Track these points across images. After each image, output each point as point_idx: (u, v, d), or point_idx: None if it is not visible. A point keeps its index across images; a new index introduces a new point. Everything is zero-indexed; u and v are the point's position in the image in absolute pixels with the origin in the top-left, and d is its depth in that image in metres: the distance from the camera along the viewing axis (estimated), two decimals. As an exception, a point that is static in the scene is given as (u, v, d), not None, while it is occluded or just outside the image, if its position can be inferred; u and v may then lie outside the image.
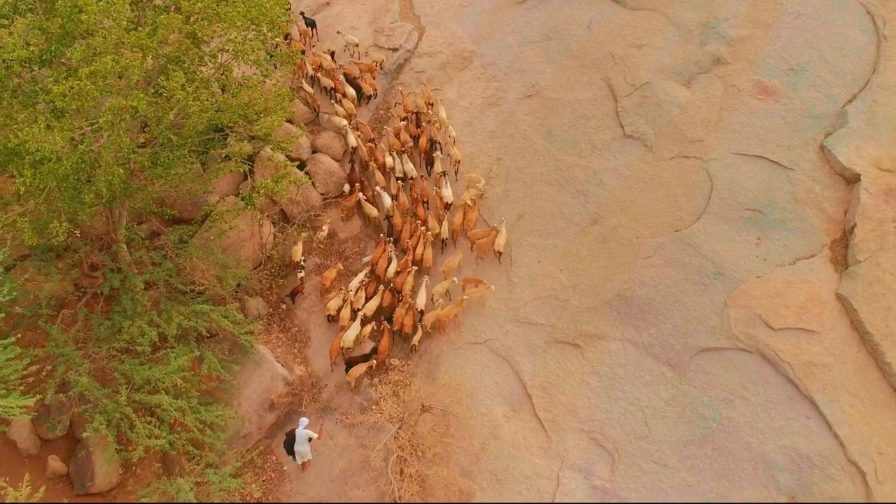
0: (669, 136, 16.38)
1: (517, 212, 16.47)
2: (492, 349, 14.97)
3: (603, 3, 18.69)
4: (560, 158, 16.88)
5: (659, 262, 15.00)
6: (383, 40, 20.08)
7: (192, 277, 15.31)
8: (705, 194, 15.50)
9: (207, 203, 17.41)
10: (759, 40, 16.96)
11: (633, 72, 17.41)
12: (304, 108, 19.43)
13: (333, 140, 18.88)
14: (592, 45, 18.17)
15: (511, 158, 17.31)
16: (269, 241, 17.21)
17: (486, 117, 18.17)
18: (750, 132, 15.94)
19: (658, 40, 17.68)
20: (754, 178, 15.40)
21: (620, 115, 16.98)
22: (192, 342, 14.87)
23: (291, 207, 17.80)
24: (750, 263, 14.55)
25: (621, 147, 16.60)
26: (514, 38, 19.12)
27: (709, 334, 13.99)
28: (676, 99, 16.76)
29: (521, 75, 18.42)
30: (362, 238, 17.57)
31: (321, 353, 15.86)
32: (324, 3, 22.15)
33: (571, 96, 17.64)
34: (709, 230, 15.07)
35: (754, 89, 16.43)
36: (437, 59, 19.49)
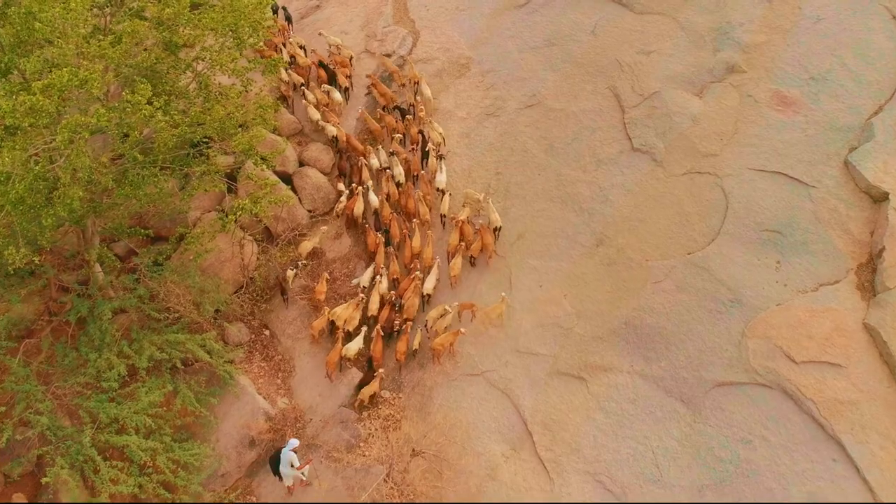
0: (681, 149, 15.44)
1: (517, 231, 15.54)
2: (490, 381, 14.03)
3: (608, 7, 17.75)
4: (563, 173, 15.94)
5: (670, 287, 14.06)
6: (376, 45, 19.18)
7: (166, 303, 14.34)
8: (720, 213, 14.57)
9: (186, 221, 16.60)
10: (776, 47, 16.02)
11: (642, 80, 16.48)
12: (291, 119, 18.54)
13: (322, 153, 17.97)
14: (597, 51, 17.23)
15: (511, 173, 16.37)
16: (251, 261, 16.25)
17: (485, 128, 17.24)
18: (768, 146, 15.00)
19: (668, 46, 16.75)
20: (773, 196, 14.48)
21: (628, 126, 16.05)
22: (166, 374, 13.92)
23: (276, 225, 16.85)
24: (769, 289, 13.62)
25: (629, 161, 15.66)
26: (514, 43, 18.19)
27: (725, 367, 13.06)
28: (688, 110, 15.82)
29: (522, 83, 17.49)
30: (351, 258, 16.63)
31: (306, 384, 14.94)
32: (314, 5, 21.23)
33: (575, 106, 16.71)
34: (724, 252, 14.14)
35: (772, 99, 15.50)
36: (432, 65, 18.56)
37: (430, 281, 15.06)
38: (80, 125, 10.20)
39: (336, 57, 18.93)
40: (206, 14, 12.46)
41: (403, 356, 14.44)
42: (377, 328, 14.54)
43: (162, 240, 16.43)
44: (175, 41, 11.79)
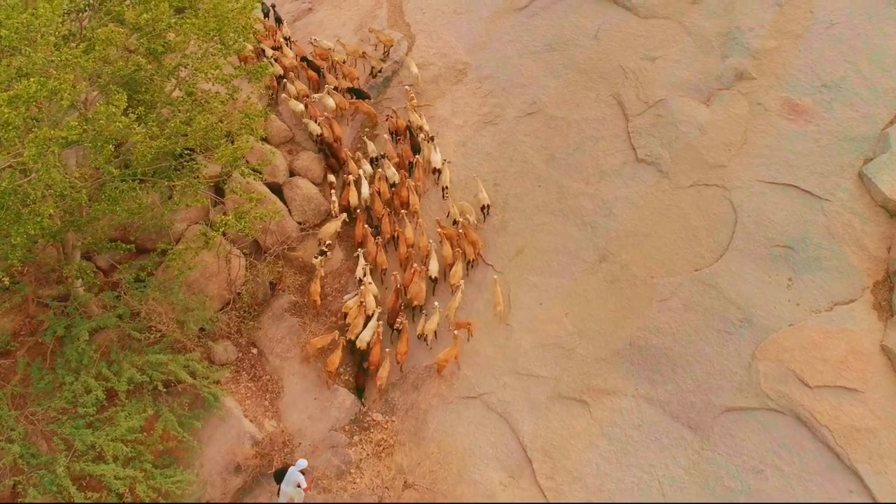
0: (687, 160, 14.90)
1: (516, 246, 15.01)
2: (487, 405, 13.49)
3: (612, 11, 17.21)
4: (564, 185, 15.40)
5: (677, 305, 13.53)
6: (369, 50, 18.59)
7: (148, 322, 13.78)
8: (729, 228, 14.04)
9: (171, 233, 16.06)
10: (787, 53, 15.49)
11: (646, 87, 15.94)
12: (281, 126, 18.00)
13: (313, 162, 17.43)
14: (600, 56, 16.69)
15: (509, 184, 15.82)
16: (238, 276, 15.68)
17: (482, 137, 16.70)
18: (779, 157, 14.47)
19: (674, 52, 16.20)
20: (784, 210, 13.96)
21: (632, 136, 15.51)
22: (147, 397, 13.36)
23: (265, 238, 16.28)
24: (781, 309, 13.09)
25: (633, 173, 15.13)
26: (514, 48, 17.64)
27: (735, 391, 12.54)
28: (695, 118, 15.28)
29: (521, 90, 16.94)
30: (343, 273, 16.08)
31: (295, 406, 14.39)
32: (306, 8, 20.71)
33: (577, 114, 16.16)
34: (733, 269, 13.61)
35: (783, 108, 14.96)
36: (428, 71, 18.02)
37: (433, 265, 14.75)
38: (49, 139, 9.64)
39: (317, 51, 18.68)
40: (187, 19, 11.91)
41: (404, 357, 14.06)
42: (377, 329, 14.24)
43: (147, 252, 15.92)
44: (154, 48, 11.23)
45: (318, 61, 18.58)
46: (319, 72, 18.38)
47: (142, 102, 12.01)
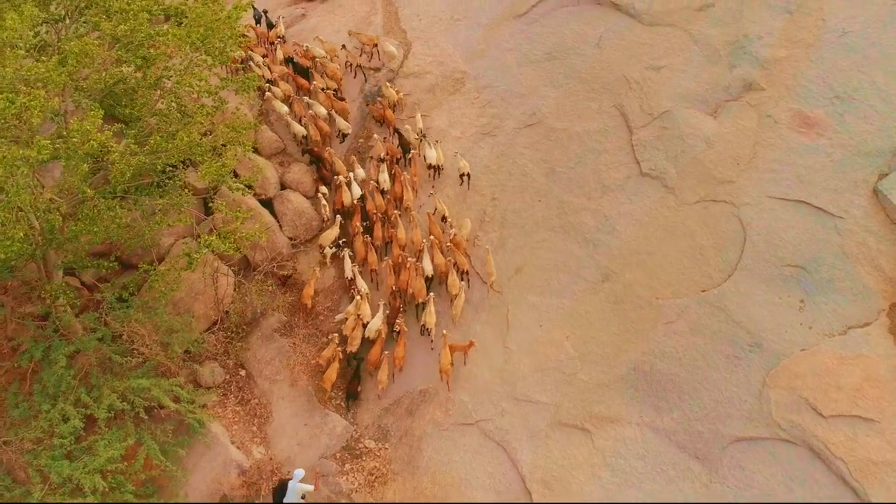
0: (694, 175, 14.39)
1: (515, 264, 14.49)
2: (484, 432, 12.98)
3: (615, 18, 16.72)
4: (565, 200, 14.89)
5: (683, 328, 13.02)
6: (364, 58, 18.08)
7: (131, 344, 13.27)
8: (737, 246, 13.52)
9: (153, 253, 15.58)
10: (798, 62, 14.97)
11: (651, 98, 15.43)
12: (272, 136, 17.51)
13: (304, 174, 16.95)
14: (603, 65, 16.18)
15: (508, 199, 15.31)
16: (226, 294, 15.17)
17: (481, 149, 16.19)
18: (789, 172, 13.96)
19: (679, 61, 15.69)
20: (795, 228, 13.45)
21: (636, 149, 14.99)
22: (129, 423, 12.84)
23: (254, 254, 15.78)
24: (792, 333, 12.57)
25: (637, 188, 14.61)
26: (513, 56, 17.14)
27: (744, 420, 12.03)
28: (702, 131, 14.77)
29: (521, 100, 16.45)
30: (336, 291, 15.56)
31: (284, 432, 13.89)
32: (299, 14, 20.22)
33: (579, 126, 15.65)
34: (742, 290, 13.09)
35: (794, 121, 14.45)
36: (424, 80, 17.53)
37: (426, 262, 14.44)
38: (18, 159, 9.13)
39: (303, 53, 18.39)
40: (170, 29, 11.40)
41: (402, 362, 13.71)
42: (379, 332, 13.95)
43: (133, 268, 15.47)
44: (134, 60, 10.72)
45: (304, 61, 18.13)
46: (307, 73, 17.96)
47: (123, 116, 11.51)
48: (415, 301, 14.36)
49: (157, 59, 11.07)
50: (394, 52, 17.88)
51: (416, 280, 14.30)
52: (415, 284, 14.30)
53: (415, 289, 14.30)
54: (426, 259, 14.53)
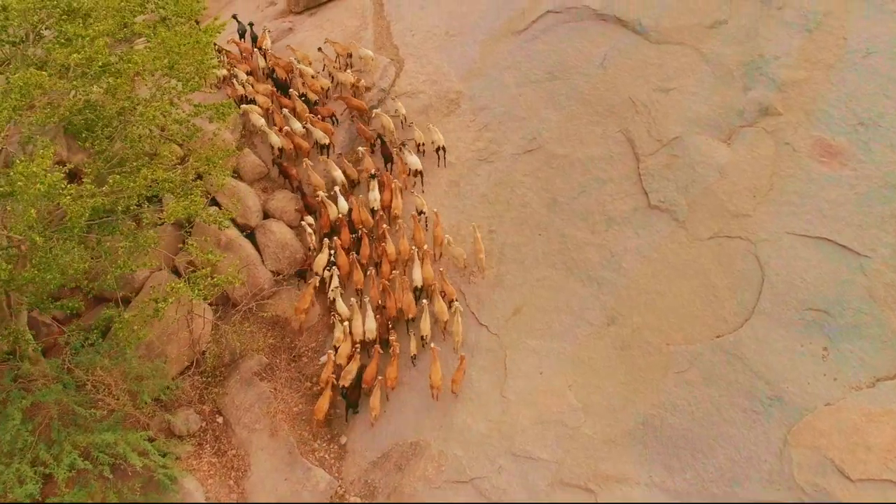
0: (706, 208, 13.46)
1: (513, 304, 13.56)
2: (480, 491, 12.07)
3: (620, 35, 15.78)
4: (568, 234, 13.96)
5: (696, 378, 12.10)
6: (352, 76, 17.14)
7: (96, 394, 12.34)
8: (754, 287, 12.59)
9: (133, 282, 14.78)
10: (818, 85, 14.04)
11: (659, 123, 14.50)
12: (256, 161, 16.62)
13: (289, 202, 16.03)
14: (608, 87, 15.25)
15: (506, 232, 14.39)
16: (203, 334, 14.27)
17: (477, 177, 15.26)
18: (810, 205, 13.03)
19: (690, 83, 14.76)
20: (817, 268, 12.52)
21: (644, 178, 14.07)
22: (92, 483, 11.92)
23: (234, 289, 14.85)
24: (816, 384, 11.65)
25: (645, 221, 13.69)
26: (512, 76, 16.21)
27: (764, 483, 11.13)
28: (714, 159, 13.84)
29: (520, 124, 15.51)
30: (321, 330, 14.63)
31: (263, 486, 13.03)
32: (286, 28, 19.31)
33: (582, 152, 14.73)
34: (760, 336, 12.16)
35: (814, 149, 13.52)
36: (417, 100, 16.61)
37: (416, 273, 13.92)
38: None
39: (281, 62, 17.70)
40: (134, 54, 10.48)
41: (394, 382, 13.15)
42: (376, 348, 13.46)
43: (106, 302, 14.60)
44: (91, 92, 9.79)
45: (281, 72, 17.38)
46: (286, 89, 17.21)
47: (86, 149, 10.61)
48: (405, 317, 13.76)
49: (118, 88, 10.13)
50: (370, 55, 17.14)
51: (405, 295, 13.71)
52: (404, 300, 13.69)
53: (404, 304, 13.70)
54: (416, 269, 13.95)
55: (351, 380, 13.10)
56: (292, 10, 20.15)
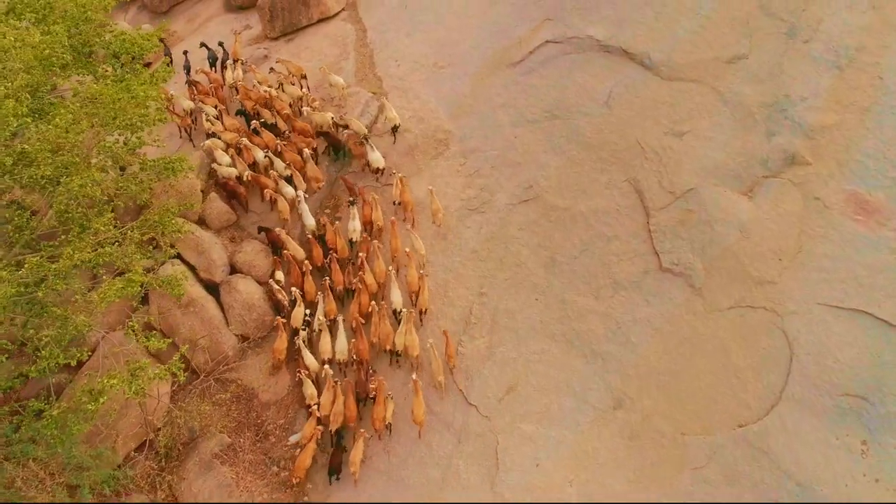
0: (726, 272, 12.07)
1: (506, 381, 12.16)
2: None
3: (627, 69, 14.39)
4: (568, 300, 12.57)
5: (715, 475, 10.72)
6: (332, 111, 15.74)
7: (26, 492, 10.93)
8: (782, 368, 11.20)
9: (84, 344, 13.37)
10: (851, 131, 12.65)
11: (672, 172, 13.11)
12: (222, 207, 15.23)
13: (259, 255, 14.66)
14: (613, 128, 13.86)
15: (499, 295, 12.99)
16: (158, 409, 12.88)
17: (467, 229, 13.87)
18: (844, 271, 11.64)
19: (706, 126, 13.36)
20: (854, 345, 11.14)
21: (654, 236, 12.67)
22: None
23: (194, 356, 13.47)
24: (854, 485, 10.32)
25: (656, 286, 12.30)
26: (506, 114, 14.82)
27: None
28: (735, 215, 12.44)
29: (515, 170, 14.14)
30: (290, 404, 13.23)
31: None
32: (261, 55, 17.93)
33: (584, 204, 13.34)
34: (789, 427, 10.78)
35: (848, 205, 12.12)
36: (402, 139, 15.24)
37: (395, 295, 13.10)
38: None
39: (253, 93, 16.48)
40: (59, 110, 9.08)
41: (382, 424, 12.10)
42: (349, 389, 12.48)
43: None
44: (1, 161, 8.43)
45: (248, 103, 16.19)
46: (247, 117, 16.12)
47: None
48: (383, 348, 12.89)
49: (38, 154, 8.76)
50: (340, 82, 15.97)
51: (383, 324, 12.78)
52: (383, 330, 12.77)
53: (381, 335, 12.78)
54: (394, 291, 13.09)
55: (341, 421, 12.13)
56: (268, 36, 18.78)
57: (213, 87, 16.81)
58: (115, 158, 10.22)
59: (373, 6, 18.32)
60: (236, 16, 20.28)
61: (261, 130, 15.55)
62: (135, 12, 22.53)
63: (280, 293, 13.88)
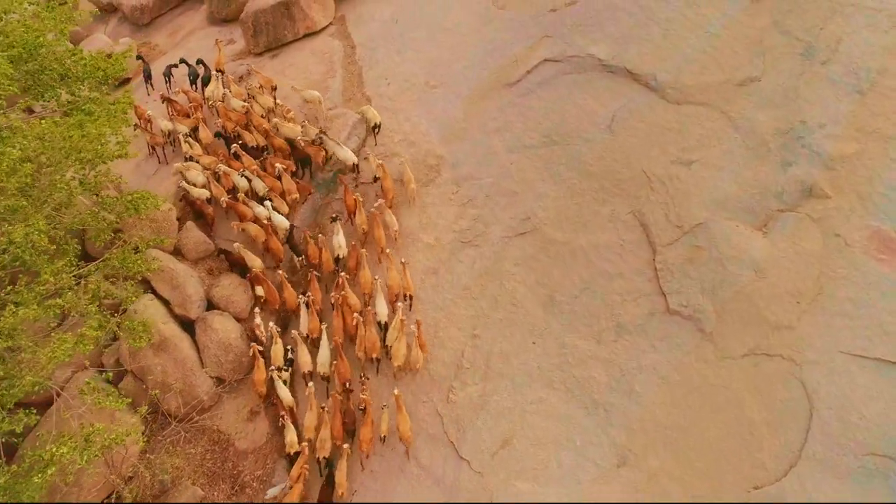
0: (739, 316, 11.22)
1: (501, 434, 11.31)
2: None
3: (631, 91, 13.58)
4: (568, 343, 11.74)
5: (728, 543, 9.79)
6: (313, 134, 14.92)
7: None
8: (800, 423, 10.37)
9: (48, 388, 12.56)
10: (873, 161, 11.84)
11: (679, 204, 12.28)
12: (199, 237, 14.43)
13: (237, 290, 13.82)
14: (616, 156, 13.04)
15: (493, 337, 12.16)
16: (128, 457, 12.04)
17: (459, 263, 13.04)
18: (868, 317, 10.80)
19: (716, 154, 12.53)
20: (880, 399, 10.34)
21: (661, 275, 11.83)
22: None
23: (166, 400, 12.65)
24: (882, 557, 9.34)
25: (663, 330, 11.47)
26: (501, 139, 14.00)
27: None
28: (748, 253, 11.60)
29: (511, 199, 13.32)
30: (269, 454, 12.39)
31: None
32: (243, 72, 17.08)
33: (585, 238, 12.51)
34: (809, 489, 9.97)
35: (871, 243, 11.29)
36: (391, 164, 14.43)
37: (380, 306, 12.45)
38: None
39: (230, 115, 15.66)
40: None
41: (370, 445, 11.53)
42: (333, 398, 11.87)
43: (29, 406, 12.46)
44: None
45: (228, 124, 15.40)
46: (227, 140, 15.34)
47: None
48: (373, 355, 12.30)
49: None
50: (317, 96, 15.27)
51: (369, 332, 12.22)
52: (369, 338, 12.19)
53: (369, 343, 12.20)
54: (380, 302, 12.45)
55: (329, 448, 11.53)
56: (251, 51, 17.98)
57: (193, 107, 16.00)
58: (67, 200, 9.41)
59: (362, 21, 17.52)
60: (220, 29, 19.48)
61: (241, 154, 14.77)
62: (115, 24, 21.75)
63: (258, 328, 13.15)
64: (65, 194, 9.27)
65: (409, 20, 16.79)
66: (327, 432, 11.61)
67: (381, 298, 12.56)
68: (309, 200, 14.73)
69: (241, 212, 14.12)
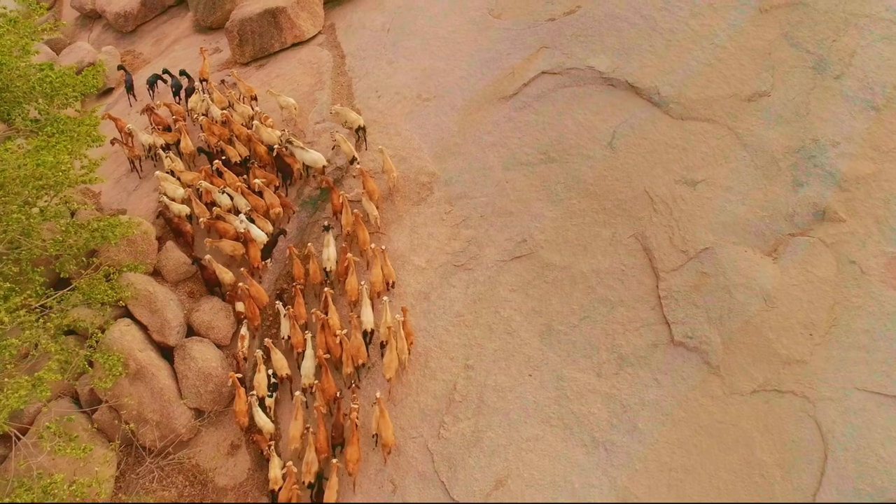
0: (748, 349, 10.61)
1: (494, 473, 10.69)
2: None
3: (633, 106, 12.97)
4: (566, 376, 11.13)
5: None
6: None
7: None
8: (814, 465, 9.76)
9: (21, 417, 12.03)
10: (891, 182, 11.25)
11: (684, 227, 11.66)
12: (179, 257, 13.82)
13: (218, 315, 13.23)
14: (618, 175, 12.43)
15: (488, 368, 11.54)
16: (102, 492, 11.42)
17: (452, 288, 12.43)
18: (886, 350, 10.21)
19: (723, 174, 11.93)
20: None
21: (665, 303, 11.22)
22: None
23: (142, 432, 12.05)
24: None
25: (667, 363, 10.86)
26: (497, 155, 13.40)
27: None
28: (757, 281, 10.98)
29: (507, 220, 12.72)
30: (250, 491, 11.76)
31: None
32: (230, 84, 16.47)
33: (585, 263, 11.90)
34: (824, 538, 9.26)
35: (889, 270, 10.70)
36: (381, 182, 13.81)
37: (366, 314, 12.02)
38: None
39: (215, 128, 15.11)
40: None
41: (357, 466, 10.97)
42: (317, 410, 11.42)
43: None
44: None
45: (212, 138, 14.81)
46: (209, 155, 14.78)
47: None
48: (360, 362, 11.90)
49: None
50: (293, 103, 14.85)
51: (354, 337, 11.90)
52: (354, 344, 11.81)
53: (354, 350, 11.79)
54: (366, 311, 12.02)
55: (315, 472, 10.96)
56: (237, 61, 17.38)
57: (175, 120, 15.42)
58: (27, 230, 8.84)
59: (353, 30, 16.93)
60: (206, 37, 18.90)
61: (223, 171, 14.19)
62: (99, 31, 21.16)
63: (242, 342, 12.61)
64: (20, 226, 8.69)
65: (402, 30, 16.20)
66: (312, 455, 11.06)
67: (368, 306, 12.07)
68: (294, 219, 14.14)
69: (222, 230, 13.54)
